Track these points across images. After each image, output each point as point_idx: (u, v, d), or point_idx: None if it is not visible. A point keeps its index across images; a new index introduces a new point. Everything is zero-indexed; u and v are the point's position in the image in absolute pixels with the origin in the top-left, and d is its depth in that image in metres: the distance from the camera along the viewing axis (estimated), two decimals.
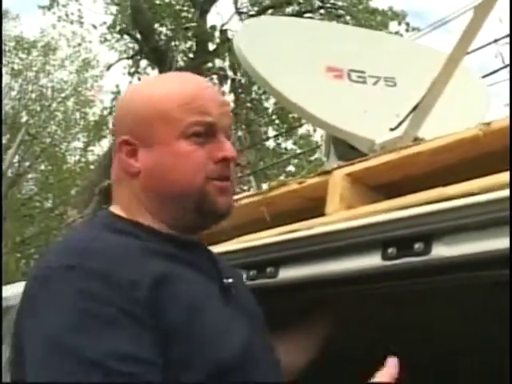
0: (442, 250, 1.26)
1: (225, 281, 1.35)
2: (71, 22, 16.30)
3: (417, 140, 2.00)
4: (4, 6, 21.72)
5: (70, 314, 1.12)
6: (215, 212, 1.34)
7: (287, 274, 1.57)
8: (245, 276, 1.66)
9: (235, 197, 1.53)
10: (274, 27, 2.82)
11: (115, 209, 1.38)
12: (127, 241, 1.26)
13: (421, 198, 1.38)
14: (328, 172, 1.73)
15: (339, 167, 1.73)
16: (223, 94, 12.93)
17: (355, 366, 1.20)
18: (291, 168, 15.15)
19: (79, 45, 20.74)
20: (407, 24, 13.71)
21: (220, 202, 1.33)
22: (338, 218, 1.55)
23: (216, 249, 1.56)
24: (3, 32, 21.57)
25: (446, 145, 1.52)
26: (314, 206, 1.73)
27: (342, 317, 1.65)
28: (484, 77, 3.75)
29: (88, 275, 1.15)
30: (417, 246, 1.29)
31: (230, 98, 14.45)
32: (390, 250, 1.34)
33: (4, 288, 4.41)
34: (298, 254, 1.55)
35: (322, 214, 1.66)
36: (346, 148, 2.48)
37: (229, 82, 12.95)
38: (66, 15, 16.01)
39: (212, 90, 1.41)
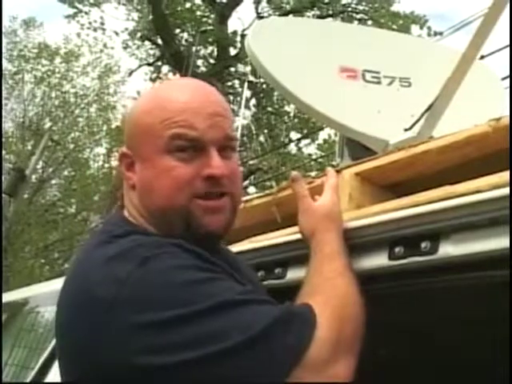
0: (449, 249, 1.23)
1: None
2: (94, 30, 16.43)
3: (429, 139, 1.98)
4: (29, 14, 21.99)
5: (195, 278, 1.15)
6: (203, 232, 1.29)
7: (295, 274, 1.55)
8: None
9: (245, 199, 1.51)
10: (287, 28, 2.80)
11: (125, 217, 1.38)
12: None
13: (430, 197, 1.36)
14: (337, 171, 1.70)
15: (348, 166, 1.70)
16: (246, 100, 12.93)
17: (360, 366, 1.17)
18: (313, 173, 15.12)
19: (101, 51, 20.87)
20: (429, 28, 13.65)
21: (206, 221, 1.29)
22: (347, 217, 1.52)
23: None
24: (27, 39, 21.82)
25: (455, 142, 1.49)
26: None
27: None
28: (504, 79, 3.70)
29: (173, 256, 1.18)
30: (424, 244, 1.27)
31: (252, 102, 14.45)
32: (397, 250, 1.32)
33: (29, 288, 4.45)
34: (306, 254, 1.53)
35: None
36: (359, 149, 2.46)
37: (246, 85, 12.90)
38: (89, 23, 16.14)
39: (203, 101, 1.32)
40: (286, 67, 2.50)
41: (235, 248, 1.69)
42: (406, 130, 2.31)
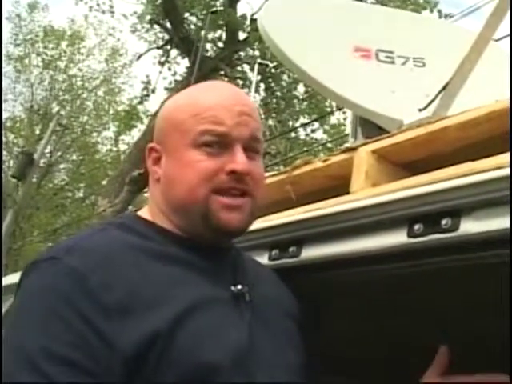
0: (470, 226, 1.21)
1: (233, 288, 1.32)
2: (103, 12, 16.37)
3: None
4: None
5: (35, 306, 1.18)
6: (220, 228, 1.31)
7: (310, 253, 1.53)
8: (267, 256, 1.62)
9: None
10: (300, 6, 2.76)
11: (142, 211, 1.43)
12: (132, 240, 1.29)
13: (448, 174, 1.33)
14: (353, 149, 1.68)
15: (364, 144, 1.68)
16: (256, 84, 12.90)
17: (380, 347, 1.15)
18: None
19: (110, 34, 20.84)
20: (439, 11, 13.57)
21: (223, 218, 1.30)
22: (363, 195, 1.50)
23: None
24: (33, 22, 21.78)
25: (474, 119, 1.46)
26: (339, 185, 1.69)
27: (367, 297, 1.61)
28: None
29: (64, 270, 1.19)
30: (444, 222, 1.25)
31: (261, 87, 14.41)
32: (416, 227, 1.30)
33: None
34: (321, 232, 1.51)
35: (347, 193, 1.61)
36: (373, 129, 2.43)
37: (256, 68, 12.86)
38: (98, 5, 16.07)
39: (232, 100, 1.36)
40: (300, 47, 2.47)
41: None
42: (420, 110, 2.28)
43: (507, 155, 1.23)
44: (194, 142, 1.31)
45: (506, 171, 1.17)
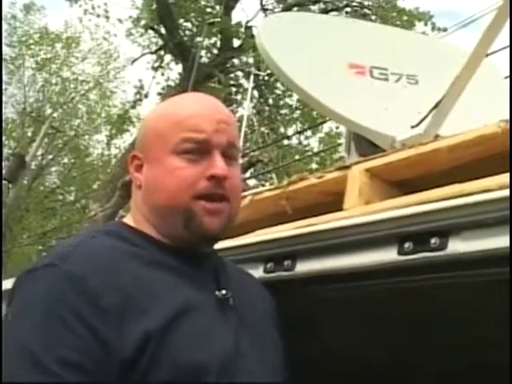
0: (458, 246, 1.27)
1: (217, 293, 1.37)
2: (97, 16, 16.34)
3: (438, 137, 2.00)
4: None
5: (35, 310, 1.22)
6: (202, 233, 1.37)
7: (304, 267, 1.58)
8: (262, 269, 1.67)
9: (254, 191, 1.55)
10: (297, 23, 2.82)
11: (127, 218, 1.47)
12: (120, 246, 1.34)
13: (438, 194, 1.39)
14: (347, 167, 1.74)
15: (358, 162, 1.73)
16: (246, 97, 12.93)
17: (369, 361, 1.20)
18: (314, 166, 15.11)
19: (104, 39, 20.80)
20: (433, 24, 13.63)
21: (206, 222, 1.36)
22: (356, 212, 1.56)
23: (234, 242, 1.57)
24: (28, 24, 21.76)
25: (465, 141, 1.52)
26: (333, 201, 1.74)
27: (358, 311, 1.66)
28: (507, 77, 3.72)
29: (61, 275, 1.24)
30: (433, 241, 1.30)
31: (255, 94, 14.43)
32: (406, 245, 1.35)
33: None
34: (315, 247, 1.56)
35: (341, 209, 1.66)
36: (366, 144, 2.48)
37: (252, 78, 12.88)
38: (93, 8, 16.04)
39: (212, 110, 1.43)
40: (297, 63, 2.52)
41: (243, 240, 1.72)
42: (412, 127, 2.33)
43: (495, 178, 1.29)
44: (174, 150, 1.36)
45: (494, 194, 1.23)
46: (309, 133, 15.25)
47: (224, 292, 1.38)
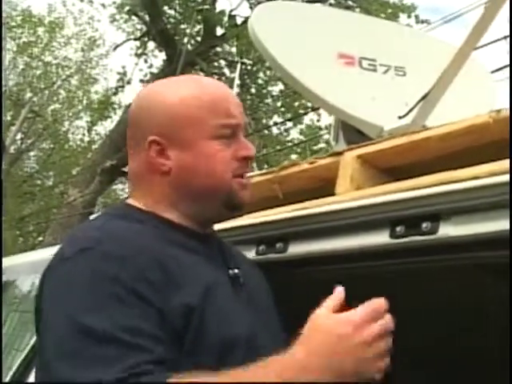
0: (448, 230, 1.32)
1: (230, 271, 1.44)
2: (81, 0, 16.24)
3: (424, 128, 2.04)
4: None
5: (86, 292, 1.23)
6: (239, 205, 1.48)
7: (296, 249, 1.63)
8: (254, 251, 1.71)
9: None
10: (288, 12, 2.85)
11: (132, 202, 1.48)
12: (142, 228, 1.38)
13: (429, 181, 1.43)
14: (339, 153, 1.77)
15: (350, 149, 1.77)
16: (232, 81, 12.94)
17: None
18: (294, 156, 15.15)
19: (88, 24, 20.67)
20: (416, 17, 13.69)
21: (243, 196, 1.46)
22: (348, 197, 1.60)
23: (227, 224, 1.61)
24: (10, 6, 21.54)
25: (456, 131, 1.56)
26: (325, 186, 1.78)
27: (349, 293, 1.70)
28: (493, 72, 3.78)
29: (103, 257, 1.26)
30: (424, 225, 1.35)
31: (237, 82, 14.42)
32: (398, 229, 1.40)
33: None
34: (308, 230, 1.60)
35: (332, 194, 1.70)
36: (354, 133, 2.53)
37: (239, 66, 12.89)
38: None
39: (230, 92, 1.53)
40: (287, 51, 2.56)
41: (235, 222, 1.75)
42: (400, 117, 2.38)
43: (485, 166, 1.33)
44: (212, 135, 1.42)
45: (484, 181, 1.27)
46: (290, 124, 15.27)
47: (236, 271, 1.45)
